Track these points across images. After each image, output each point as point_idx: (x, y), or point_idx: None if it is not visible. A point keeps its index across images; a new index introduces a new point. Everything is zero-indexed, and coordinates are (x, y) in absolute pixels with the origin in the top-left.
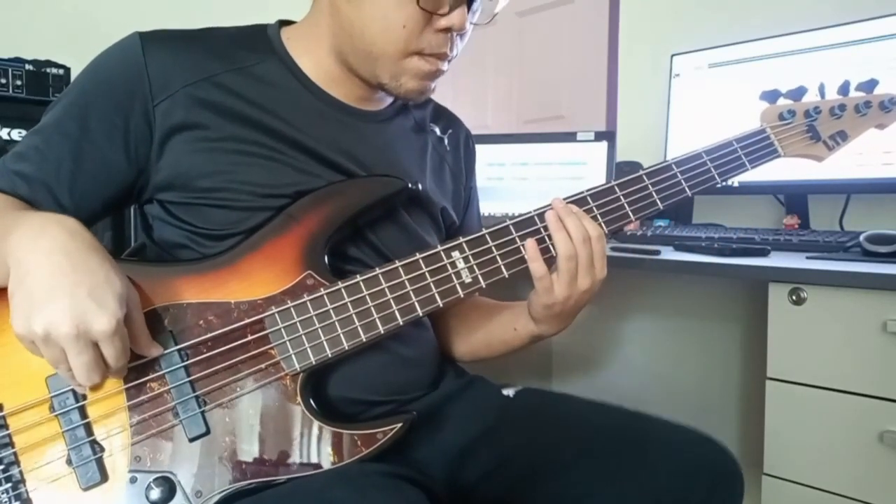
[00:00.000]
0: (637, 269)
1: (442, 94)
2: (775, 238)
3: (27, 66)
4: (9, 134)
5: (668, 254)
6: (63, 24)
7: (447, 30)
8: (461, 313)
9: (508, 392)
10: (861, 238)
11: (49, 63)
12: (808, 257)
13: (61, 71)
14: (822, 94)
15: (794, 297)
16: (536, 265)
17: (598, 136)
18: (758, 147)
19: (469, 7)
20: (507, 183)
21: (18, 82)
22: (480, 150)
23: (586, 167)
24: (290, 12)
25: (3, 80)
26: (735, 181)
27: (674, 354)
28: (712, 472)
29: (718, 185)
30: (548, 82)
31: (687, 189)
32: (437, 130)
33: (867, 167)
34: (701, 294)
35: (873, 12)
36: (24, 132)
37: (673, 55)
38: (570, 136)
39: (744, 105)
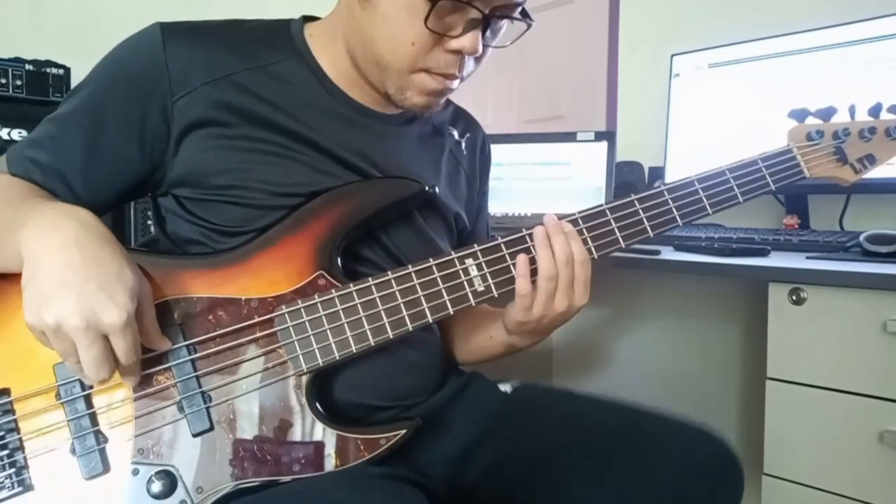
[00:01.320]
0: (637, 269)
1: None
2: (775, 238)
3: (27, 66)
4: (9, 134)
5: (668, 254)
6: (63, 24)
7: (457, 52)
8: (455, 316)
9: (506, 388)
10: (861, 238)
11: (49, 63)
12: (808, 257)
13: (61, 71)
14: (853, 116)
15: (794, 297)
16: (523, 282)
17: (598, 136)
18: (783, 167)
19: (486, 31)
20: (507, 183)
21: (18, 82)
22: None
23: (586, 167)
24: (290, 10)
25: (3, 80)
26: None
27: (674, 354)
28: (712, 468)
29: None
30: (548, 82)
31: (708, 207)
32: (455, 134)
33: None
34: (701, 294)
35: (873, 12)
36: (24, 132)
37: (673, 55)
38: (570, 136)
39: (744, 105)
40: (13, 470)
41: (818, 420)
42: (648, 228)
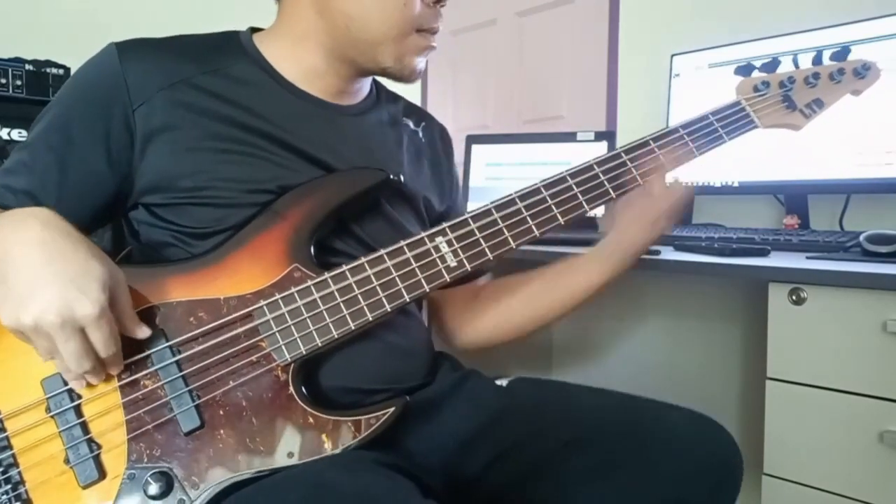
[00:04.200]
0: (637, 269)
1: (442, 93)
2: (775, 238)
3: (27, 66)
4: (9, 134)
5: (668, 254)
6: (63, 24)
7: (437, 2)
8: (485, 296)
9: (502, 382)
10: (861, 238)
11: (49, 63)
12: (808, 257)
13: (61, 71)
14: (796, 65)
15: (794, 297)
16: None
17: (598, 136)
18: (734, 119)
19: None
20: (506, 183)
21: (18, 82)
22: (480, 150)
23: None
24: None
25: (3, 80)
26: (735, 181)
27: (674, 354)
28: (712, 455)
29: (696, 157)
30: (548, 82)
31: (666, 164)
32: (411, 124)
33: (867, 167)
34: (701, 294)
35: (873, 12)
36: (24, 132)
37: (673, 55)
38: (570, 136)
39: None
40: (9, 486)
41: (818, 420)
42: (584, 203)
